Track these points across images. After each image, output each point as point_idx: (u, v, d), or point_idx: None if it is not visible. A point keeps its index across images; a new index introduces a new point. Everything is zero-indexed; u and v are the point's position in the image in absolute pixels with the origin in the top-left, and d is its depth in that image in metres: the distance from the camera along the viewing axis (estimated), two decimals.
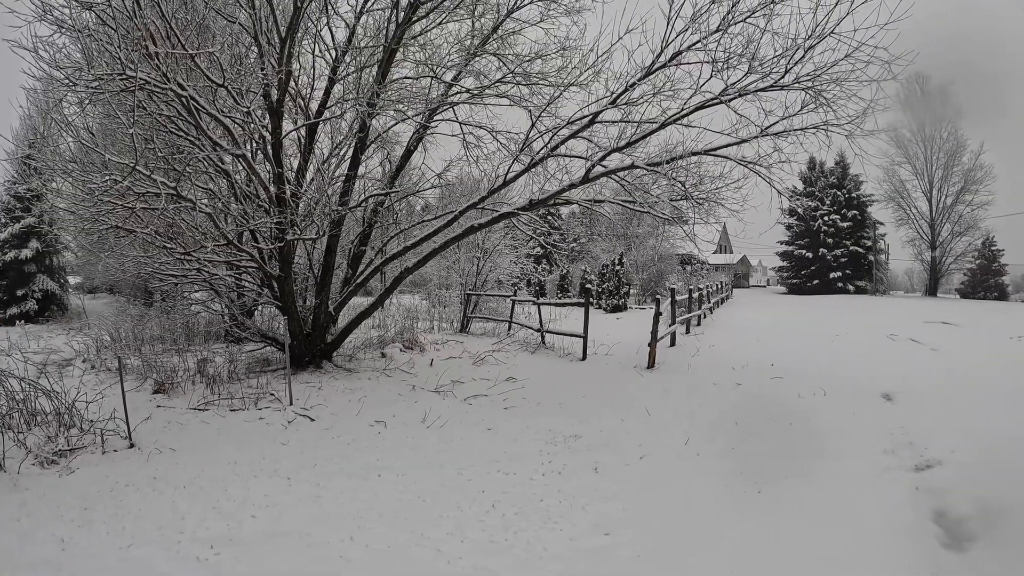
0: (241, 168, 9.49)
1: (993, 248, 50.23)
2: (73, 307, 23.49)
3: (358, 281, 10.89)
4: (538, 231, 14.78)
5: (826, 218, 51.29)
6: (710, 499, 5.74)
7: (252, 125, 8.79)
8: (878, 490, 5.99)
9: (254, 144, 10.20)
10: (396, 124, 11.16)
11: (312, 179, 10.41)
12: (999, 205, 50.89)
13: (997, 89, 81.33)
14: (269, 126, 9.23)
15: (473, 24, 10.44)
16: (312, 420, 7.98)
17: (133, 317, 14.91)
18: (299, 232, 9.57)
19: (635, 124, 9.78)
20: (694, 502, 5.67)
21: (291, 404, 8.53)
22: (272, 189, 9.15)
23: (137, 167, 7.15)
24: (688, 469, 6.55)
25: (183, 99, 7.52)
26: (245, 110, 8.45)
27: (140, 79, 6.78)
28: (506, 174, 10.46)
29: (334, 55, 10.31)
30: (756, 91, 8.97)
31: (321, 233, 10.28)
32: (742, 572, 4.45)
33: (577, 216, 38.46)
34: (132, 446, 6.89)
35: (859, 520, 5.30)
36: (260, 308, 12.49)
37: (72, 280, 26.60)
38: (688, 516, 5.36)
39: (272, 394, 8.89)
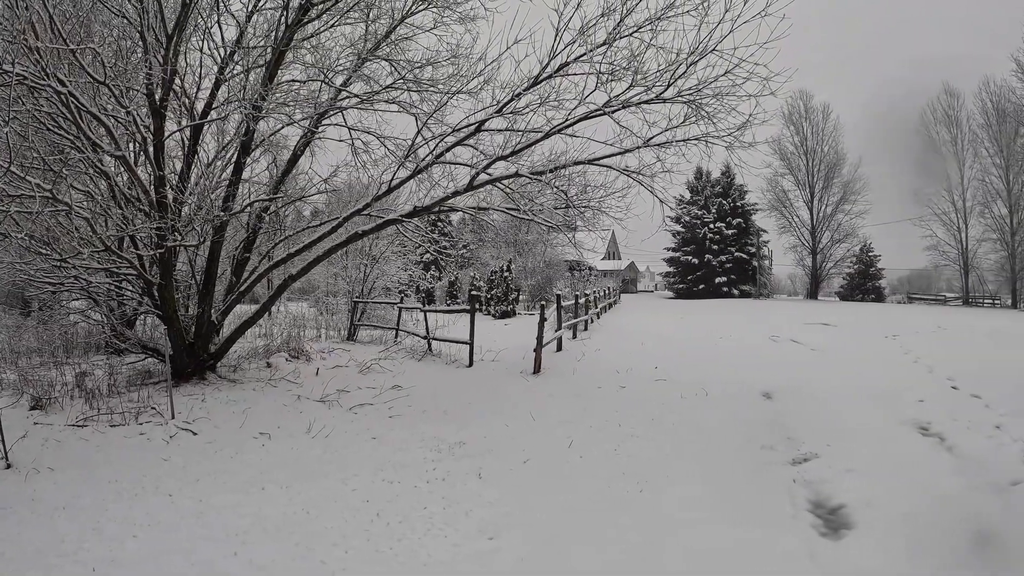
0: (123, 170, 9.17)
1: (870, 254, 54.58)
2: None
3: (241, 289, 10.67)
4: (425, 238, 14.88)
5: (712, 226, 53.86)
6: (593, 500, 6.01)
7: (134, 125, 8.51)
8: (757, 484, 6.47)
9: (136, 145, 9.87)
10: (283, 127, 10.96)
11: (196, 183, 10.12)
12: (876, 214, 54.72)
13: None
14: (152, 126, 8.94)
15: (367, 28, 10.38)
16: (195, 434, 7.80)
17: (8, 328, 14.09)
18: (180, 238, 9.34)
19: (521, 133, 10.03)
20: (577, 504, 5.92)
21: (173, 418, 8.29)
22: (153, 193, 8.89)
23: (11, 168, 6.85)
24: (571, 472, 6.83)
25: (63, 96, 7.22)
26: (126, 109, 8.19)
27: (17, 74, 6.51)
28: (391, 180, 10.53)
29: (222, 54, 10.08)
30: (639, 103, 9.43)
31: (202, 239, 10.06)
32: (623, 571, 4.69)
33: (467, 223, 38.63)
34: (9, 466, 6.52)
35: (739, 514, 5.68)
36: (143, 318, 12.04)
37: None
38: (571, 518, 5.60)
39: (154, 408, 8.60)
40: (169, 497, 5.84)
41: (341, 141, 11.55)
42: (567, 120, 9.70)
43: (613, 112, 9.50)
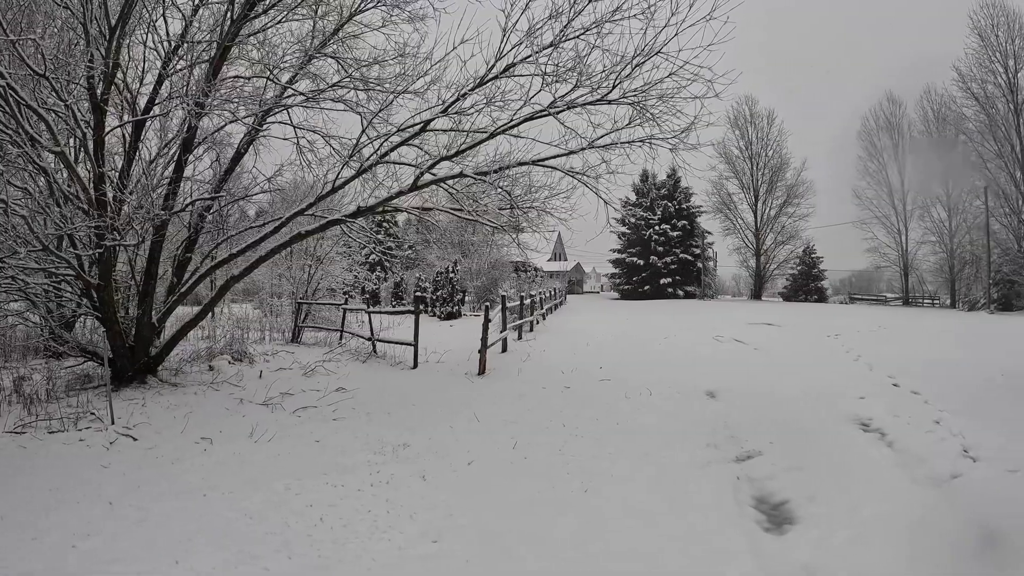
0: (62, 167, 8.96)
1: (813, 255, 56.48)
2: None
3: (182, 290, 10.50)
4: (370, 238, 14.83)
5: (657, 227, 54.83)
6: (537, 500, 6.15)
7: (74, 120, 8.31)
8: (701, 482, 6.68)
9: (76, 141, 9.63)
10: (226, 125, 10.83)
11: (137, 181, 9.90)
12: (819, 217, 56.74)
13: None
14: (92, 122, 8.75)
15: (314, 24, 10.32)
16: (135, 440, 7.67)
17: None
18: (120, 237, 9.16)
19: (466, 133, 10.13)
20: (521, 504, 6.05)
21: (113, 424, 8.13)
22: (92, 191, 8.70)
23: None
24: (515, 472, 6.96)
25: (1, 88, 7.05)
26: (65, 103, 7.99)
27: None
28: (335, 180, 10.48)
29: (167, 48, 9.89)
30: (585, 105, 9.59)
31: (142, 239, 9.88)
32: (568, 571, 4.80)
33: (413, 224, 38.53)
34: None
35: (684, 512, 5.88)
36: (83, 320, 11.75)
37: None
38: (516, 518, 5.71)
39: (93, 413, 8.42)
40: (110, 505, 5.74)
41: (286, 140, 11.45)
42: (512, 120, 9.81)
43: (558, 113, 9.64)
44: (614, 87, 9.34)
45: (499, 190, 10.41)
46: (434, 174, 10.30)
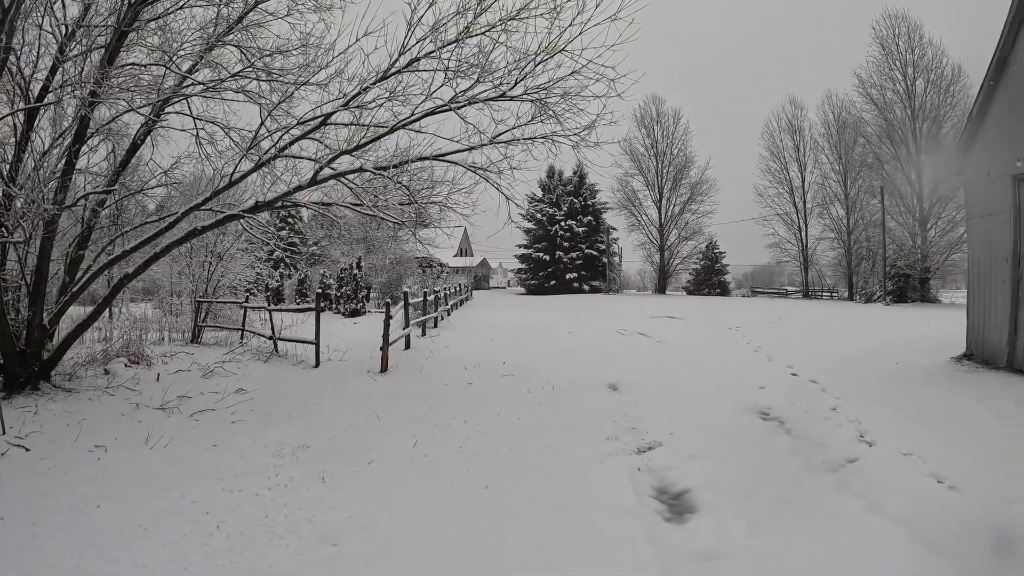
0: None
1: (716, 251, 58.64)
2: None
3: (74, 290, 10.17)
4: (271, 234, 14.68)
5: (563, 223, 55.77)
6: (437, 499, 6.36)
7: None
8: (601, 475, 6.99)
9: None
10: (123, 114, 10.46)
11: (29, 174, 9.50)
12: (722, 213, 59.00)
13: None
14: None
15: (219, 11, 10.07)
16: (27, 450, 7.44)
17: None
18: (8, 234, 8.83)
19: (367, 128, 10.17)
20: (422, 503, 6.24)
21: (3, 433, 7.87)
22: None
23: None
24: (416, 471, 7.15)
25: None
26: None
27: None
28: (232, 174, 10.37)
29: (63, 32, 9.47)
30: (486, 100, 9.82)
31: (30, 235, 9.54)
32: (468, 569, 4.97)
33: (318, 219, 38.06)
34: None
35: (584, 504, 6.14)
36: None
37: None
38: (416, 518, 5.89)
39: None
40: (1, 521, 5.63)
41: (184, 131, 11.10)
42: (414, 115, 9.93)
43: (459, 108, 9.83)
44: (516, 83, 9.60)
45: (399, 185, 10.48)
46: (334, 168, 10.33)
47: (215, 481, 6.62)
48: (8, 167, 9.35)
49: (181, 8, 10.09)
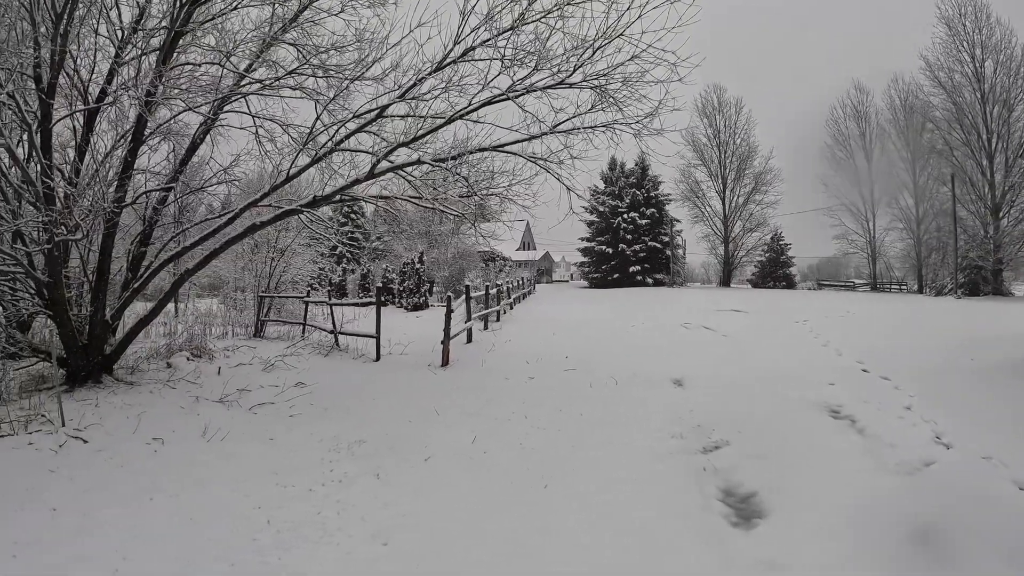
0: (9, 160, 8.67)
1: (781, 243, 56.81)
2: None
3: (135, 286, 10.25)
4: (331, 229, 14.64)
5: (626, 216, 54.78)
6: (495, 498, 6.04)
7: (17, 110, 8.03)
8: (666, 474, 6.58)
9: (23, 133, 9.32)
10: (180, 113, 10.56)
11: (92, 174, 9.64)
12: (787, 204, 57.14)
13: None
14: (39, 113, 8.46)
15: (273, 11, 10.03)
16: (85, 442, 7.45)
17: None
18: (67, 232, 8.88)
19: (423, 119, 9.92)
20: (478, 503, 5.93)
21: (63, 426, 7.90)
22: (39, 184, 8.42)
23: None
24: (473, 468, 6.85)
25: None
26: (7, 92, 7.71)
27: None
28: (289, 169, 10.29)
29: (120, 36, 9.58)
30: (545, 88, 9.45)
31: (88, 232, 9.62)
32: (520, 572, 4.68)
33: (380, 214, 38.34)
34: None
35: (648, 506, 5.77)
36: (42, 319, 11.44)
37: None
38: (471, 518, 5.58)
39: (44, 415, 8.18)
40: (53, 512, 5.57)
41: (243, 128, 11.25)
42: (471, 105, 9.67)
43: (517, 97, 9.53)
44: (575, 70, 9.25)
45: (457, 177, 10.26)
46: (391, 161, 10.13)
47: (269, 475, 6.46)
48: (69, 168, 9.52)
49: (235, 9, 10.10)
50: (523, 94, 9.53)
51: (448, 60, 9.38)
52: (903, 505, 5.40)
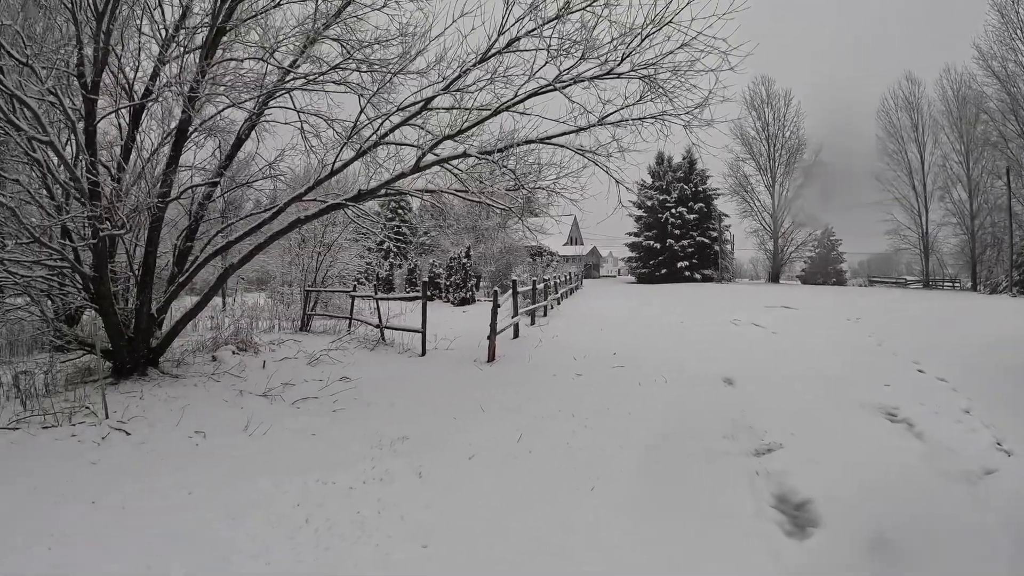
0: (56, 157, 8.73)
1: (832, 238, 55.04)
2: None
3: (180, 280, 10.26)
4: (376, 223, 14.54)
5: (674, 210, 53.99)
6: (539, 500, 5.77)
7: (61, 108, 8.03)
8: (717, 477, 6.25)
9: (68, 131, 9.38)
10: (224, 109, 10.55)
11: (140, 171, 9.72)
12: (837, 198, 55.53)
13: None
14: (83, 110, 8.49)
15: (317, 7, 9.91)
16: (128, 435, 7.44)
17: None
18: (111, 227, 8.88)
19: (468, 111, 9.72)
20: (522, 504, 5.68)
21: (107, 418, 7.93)
22: (84, 180, 8.43)
23: None
24: (519, 468, 6.57)
25: None
26: (51, 90, 7.72)
27: None
28: (333, 163, 10.18)
29: (164, 34, 9.54)
30: (592, 79, 9.16)
31: (131, 227, 9.64)
32: None
33: (427, 209, 38.32)
34: None
35: (699, 512, 5.49)
36: (91, 312, 11.56)
37: None
38: (514, 521, 5.34)
39: (88, 407, 8.23)
40: (92, 504, 5.53)
41: (287, 124, 11.16)
42: (517, 96, 9.44)
43: (564, 87, 9.27)
44: (623, 60, 8.95)
45: (504, 169, 10.03)
46: (437, 154, 9.97)
47: (309, 472, 6.28)
48: (115, 165, 9.59)
49: (278, 6, 10.01)
50: (570, 84, 9.26)
51: (492, 51, 9.15)
52: (966, 517, 5.05)
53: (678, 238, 53.76)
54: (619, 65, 9.00)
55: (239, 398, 9.10)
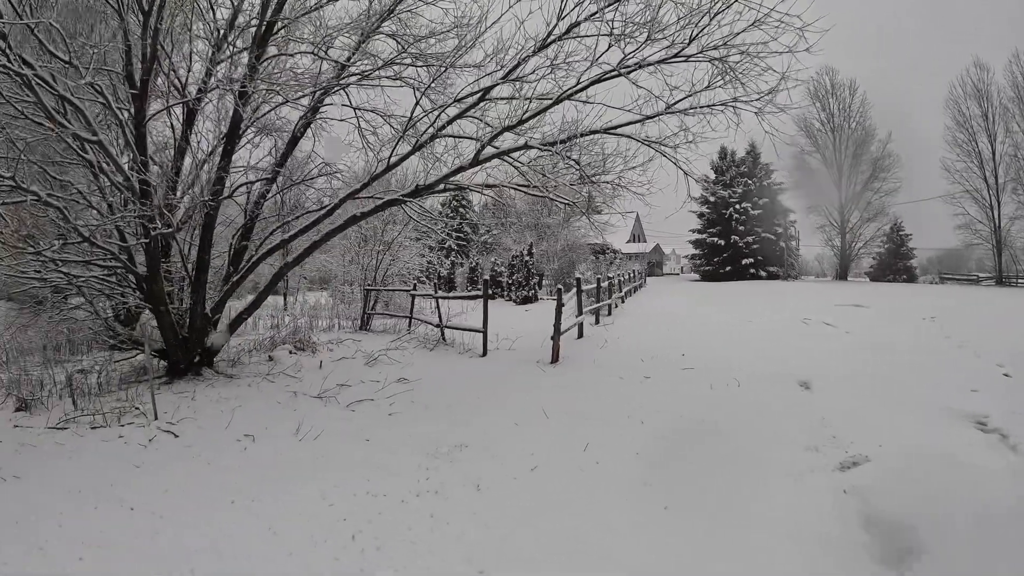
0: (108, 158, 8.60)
1: (901, 233, 52.54)
2: None
3: (235, 280, 10.06)
4: (435, 220, 14.18)
5: (738, 206, 52.64)
6: (609, 521, 5.15)
7: (108, 108, 7.86)
8: (800, 495, 5.53)
9: (118, 130, 9.25)
10: (278, 107, 10.37)
11: (195, 170, 9.72)
12: (906, 191, 52.90)
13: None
14: (132, 110, 8.33)
15: (371, 3, 9.67)
16: (176, 436, 7.17)
17: (16, 326, 13.63)
18: (160, 226, 8.67)
19: (528, 100, 9.28)
20: (590, 526, 5.07)
21: (156, 419, 7.71)
22: (135, 180, 8.24)
23: None
24: (586, 482, 5.94)
25: (23, 77, 6.66)
26: (97, 90, 7.55)
27: None
28: (389, 157, 9.86)
29: (217, 34, 9.42)
30: (658, 63, 8.60)
31: (179, 226, 9.46)
32: None
33: (489, 207, 38.00)
34: None
35: (778, 533, 4.85)
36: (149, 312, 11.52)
37: None
38: (582, 545, 4.76)
39: (138, 408, 8.04)
40: (130, 511, 5.22)
41: (343, 120, 10.98)
42: (579, 84, 8.93)
43: (628, 73, 8.70)
44: (691, 41, 8.33)
45: (568, 160, 9.50)
46: (496, 147, 9.54)
47: (360, 481, 5.83)
48: (170, 165, 9.53)
49: (331, 1, 9.71)
50: (635, 69, 8.71)
51: (552, 38, 8.71)
52: None
53: (742, 234, 52.42)
54: (686, 47, 8.40)
55: (293, 399, 8.78)
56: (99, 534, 4.81)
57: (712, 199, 53.93)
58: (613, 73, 8.74)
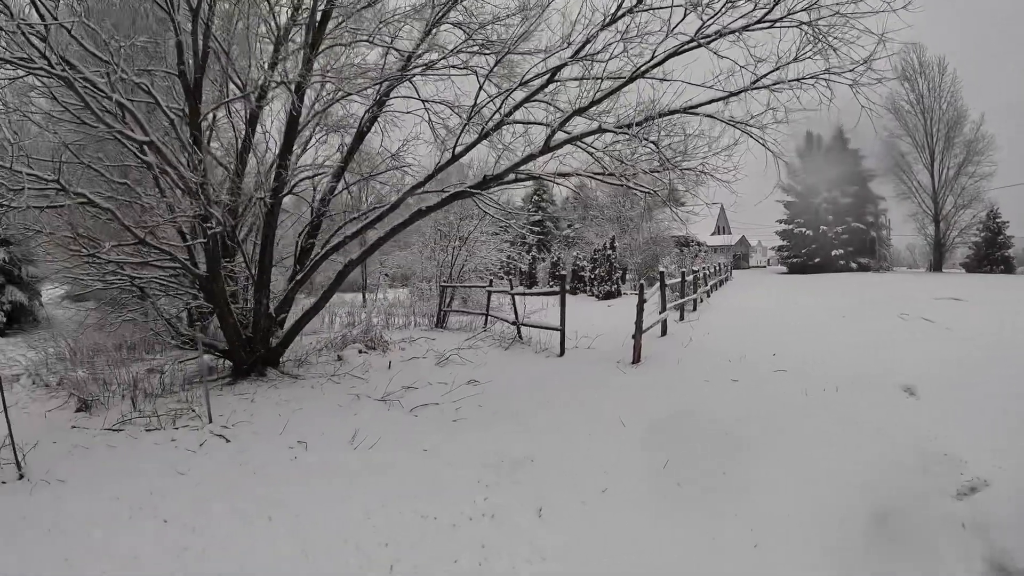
0: (170, 157, 8.43)
1: (998, 220, 48.62)
2: (43, 318, 22.51)
3: (298, 278, 9.77)
4: (510, 215, 13.65)
5: (825, 194, 50.27)
6: (688, 557, 4.45)
7: (160, 109, 7.68)
8: (916, 530, 4.65)
9: (175, 130, 9.09)
10: (338, 100, 9.99)
11: (260, 170, 9.68)
12: (1002, 175, 49.39)
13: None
14: (186, 109, 8.13)
15: None
16: (228, 441, 6.88)
17: (91, 327, 13.85)
18: (216, 225, 8.40)
19: (600, 80, 8.56)
20: (667, 564, 4.37)
21: (210, 422, 7.46)
22: (192, 179, 7.98)
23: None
24: (664, 507, 5.16)
25: (69, 80, 6.55)
26: (147, 91, 7.38)
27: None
28: (453, 147, 9.41)
29: (277, 34, 9.12)
30: (740, 30, 7.67)
31: (227, 225, 9.19)
32: None
33: (571, 201, 37.34)
34: (21, 477, 5.99)
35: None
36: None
37: (58, 290, 25.56)
38: None
39: (194, 410, 7.83)
40: (164, 523, 4.93)
41: (409, 113, 10.57)
42: (654, 58, 8.11)
43: (709, 43, 7.79)
44: (776, 2, 7.44)
45: (645, 143, 8.73)
46: (568, 132, 8.87)
47: (410, 499, 5.29)
48: (234, 164, 9.37)
49: None
50: (715, 38, 7.78)
51: (623, 10, 7.92)
52: None
53: (831, 224, 50.10)
54: (771, 11, 7.49)
55: (355, 403, 8.38)
56: (127, 548, 4.56)
57: (799, 188, 51.91)
58: (691, 44, 7.91)
